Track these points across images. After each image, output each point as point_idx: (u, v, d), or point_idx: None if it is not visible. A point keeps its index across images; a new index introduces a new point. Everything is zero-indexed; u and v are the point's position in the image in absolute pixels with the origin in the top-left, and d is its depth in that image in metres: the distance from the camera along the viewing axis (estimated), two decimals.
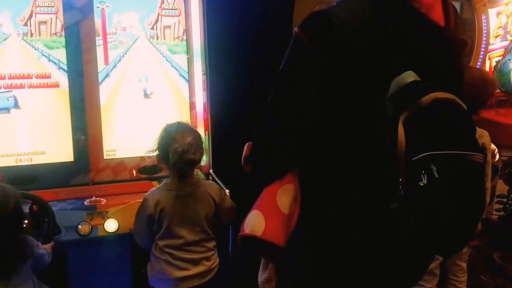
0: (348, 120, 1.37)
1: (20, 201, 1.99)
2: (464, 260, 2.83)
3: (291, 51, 1.41)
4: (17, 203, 1.95)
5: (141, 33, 2.72)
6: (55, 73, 2.57)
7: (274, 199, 1.49)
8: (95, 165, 2.64)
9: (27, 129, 2.55)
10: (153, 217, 2.20)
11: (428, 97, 1.28)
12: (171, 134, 2.21)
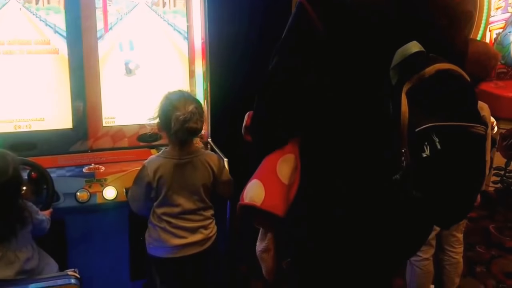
0: (351, 90, 1.36)
1: (19, 167, 2.00)
2: (460, 231, 2.85)
3: (293, 19, 1.39)
4: (16, 169, 1.95)
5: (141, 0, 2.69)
6: (54, 40, 2.55)
7: (274, 168, 1.48)
8: (94, 132, 2.64)
9: (26, 95, 2.53)
10: (151, 184, 2.21)
11: (432, 68, 1.27)
12: (173, 102, 2.20)
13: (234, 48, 3.25)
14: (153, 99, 2.53)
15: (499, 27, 4.20)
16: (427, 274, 2.78)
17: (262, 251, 1.67)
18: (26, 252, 1.98)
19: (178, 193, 2.23)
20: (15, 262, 1.93)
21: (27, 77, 2.53)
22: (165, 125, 2.21)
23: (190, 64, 2.81)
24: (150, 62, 2.73)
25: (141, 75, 2.72)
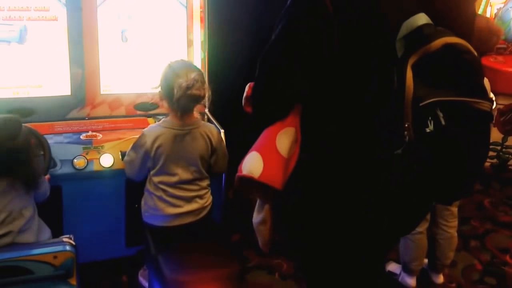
0: (355, 61, 1.34)
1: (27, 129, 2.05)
2: (455, 205, 2.85)
3: None
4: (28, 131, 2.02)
5: None
6: (54, 7, 2.52)
7: (273, 141, 1.48)
8: (91, 99, 2.64)
9: (25, 62, 2.52)
10: (149, 153, 2.21)
11: (439, 41, 1.25)
12: (176, 70, 2.19)
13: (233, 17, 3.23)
14: (151, 68, 2.54)
15: (500, 2, 4.17)
16: (421, 248, 2.79)
17: (258, 223, 1.68)
18: (29, 210, 2.01)
19: (176, 163, 2.23)
20: (19, 218, 1.96)
21: (26, 44, 2.51)
22: (167, 93, 2.20)
23: (188, 33, 2.79)
24: (149, 31, 2.71)
25: (139, 44, 2.70)
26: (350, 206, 1.46)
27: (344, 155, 1.43)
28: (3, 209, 1.91)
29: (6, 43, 2.48)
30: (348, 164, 1.43)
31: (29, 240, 1.99)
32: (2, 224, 1.91)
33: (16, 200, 1.95)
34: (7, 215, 1.92)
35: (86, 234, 2.31)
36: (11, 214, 1.93)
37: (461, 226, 3.31)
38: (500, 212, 3.83)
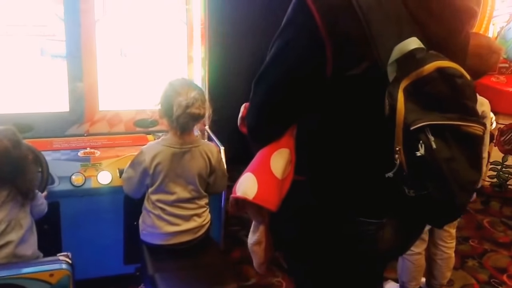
0: (349, 84, 1.34)
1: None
2: (453, 227, 2.85)
3: (292, 11, 1.36)
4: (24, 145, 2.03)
5: None
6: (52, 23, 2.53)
7: (267, 162, 1.47)
8: (90, 116, 2.64)
9: (24, 77, 2.53)
10: (148, 171, 2.21)
11: (431, 65, 1.24)
12: (176, 88, 2.19)
13: (234, 34, 3.24)
14: (151, 84, 2.54)
15: (503, 21, 4.18)
16: (419, 268, 2.80)
17: (253, 243, 1.67)
18: (28, 221, 2.02)
19: (174, 182, 2.23)
20: (19, 229, 1.97)
21: (24, 59, 2.51)
22: (167, 110, 2.20)
23: (188, 50, 2.79)
24: (149, 47, 2.71)
25: (139, 60, 2.71)
26: (344, 227, 1.45)
27: (337, 178, 1.42)
28: (3, 218, 1.92)
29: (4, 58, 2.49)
30: (341, 186, 1.42)
31: (27, 252, 2.00)
32: (2, 234, 1.92)
33: (15, 211, 1.96)
34: (7, 225, 1.93)
35: (84, 251, 2.32)
36: (10, 224, 1.94)
37: (459, 246, 3.30)
38: (500, 233, 3.82)
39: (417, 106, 1.24)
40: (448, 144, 1.23)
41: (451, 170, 1.24)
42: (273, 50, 1.40)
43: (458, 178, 1.26)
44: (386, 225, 1.43)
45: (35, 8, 2.50)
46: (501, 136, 4.09)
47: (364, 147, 1.37)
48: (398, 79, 1.26)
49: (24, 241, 1.99)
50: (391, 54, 1.27)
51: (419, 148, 1.22)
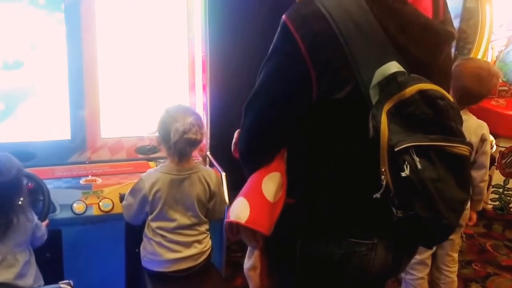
0: (334, 108, 1.37)
1: (22, 172, 2.05)
2: (455, 251, 2.86)
3: (278, 38, 1.41)
4: (19, 173, 2.02)
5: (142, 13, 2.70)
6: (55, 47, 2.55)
7: (259, 186, 1.48)
8: (92, 143, 2.64)
9: (25, 104, 2.54)
10: (147, 198, 2.21)
11: (413, 87, 1.27)
12: (172, 114, 2.21)
13: (235, 60, 3.26)
14: (152, 110, 2.55)
15: (501, 45, 4.21)
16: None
17: (249, 268, 1.69)
18: (24, 256, 2.01)
19: (174, 208, 2.23)
20: (15, 265, 1.96)
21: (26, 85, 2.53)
22: (164, 137, 2.22)
23: (190, 76, 2.81)
24: (150, 74, 2.73)
25: (140, 86, 2.72)
26: (336, 248, 1.45)
27: (327, 199, 1.44)
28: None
29: None
30: (331, 208, 1.44)
31: (27, 284, 1.99)
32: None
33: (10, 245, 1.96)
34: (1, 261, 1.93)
35: (86, 278, 2.32)
36: (6, 259, 1.94)
37: (462, 270, 3.29)
38: (503, 256, 3.80)
39: (401, 127, 1.27)
40: (433, 165, 1.25)
41: (438, 190, 1.26)
42: (261, 76, 1.44)
43: (445, 198, 1.27)
44: (378, 245, 1.45)
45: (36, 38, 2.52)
46: (503, 159, 4.09)
47: (352, 169, 1.40)
48: (381, 102, 1.29)
49: (22, 276, 1.99)
50: (372, 78, 1.30)
51: (404, 168, 1.24)
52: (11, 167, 1.98)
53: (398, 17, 1.35)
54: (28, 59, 2.51)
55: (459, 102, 2.66)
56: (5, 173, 1.95)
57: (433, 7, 1.44)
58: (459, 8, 3.82)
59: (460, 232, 2.91)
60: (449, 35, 1.45)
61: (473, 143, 2.72)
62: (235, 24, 3.28)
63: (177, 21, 2.76)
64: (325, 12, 1.32)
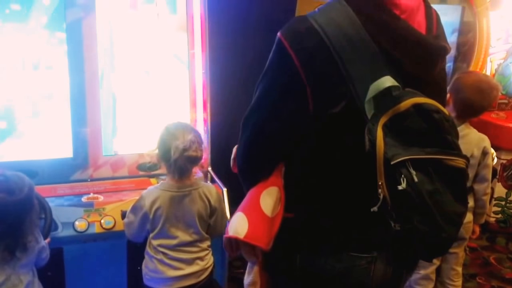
0: (330, 124, 1.38)
1: (34, 191, 2.05)
2: (460, 265, 2.86)
3: (273, 54, 1.43)
4: (31, 191, 2.01)
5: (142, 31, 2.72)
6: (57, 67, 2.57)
7: (257, 201, 1.49)
8: (94, 161, 2.65)
9: (27, 123, 2.55)
10: (148, 216, 2.22)
11: (408, 101, 1.29)
12: (172, 131, 2.22)
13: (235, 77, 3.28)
14: (154, 127, 2.57)
15: (500, 58, 4.23)
16: None
17: (248, 284, 1.69)
18: (28, 276, 2.01)
19: (175, 226, 2.23)
20: (18, 286, 1.95)
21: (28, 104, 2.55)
22: (164, 154, 2.22)
23: (191, 93, 2.83)
24: (151, 91, 2.75)
25: (142, 104, 2.74)
26: (335, 263, 1.46)
27: (325, 214, 1.45)
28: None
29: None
30: (329, 222, 1.45)
31: None
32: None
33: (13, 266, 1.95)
34: (4, 281, 1.92)
35: None
36: (10, 279, 1.93)
37: (466, 283, 3.27)
38: (506, 269, 3.78)
39: (397, 141, 1.28)
40: (430, 178, 1.26)
41: (435, 203, 1.27)
42: (257, 92, 1.47)
43: (443, 211, 1.28)
44: (377, 259, 1.45)
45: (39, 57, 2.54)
46: (504, 172, 4.09)
47: (349, 183, 1.41)
48: (377, 116, 1.31)
49: (28, 284, 1.99)
50: (367, 92, 1.32)
51: (401, 182, 1.25)
52: (23, 186, 1.97)
53: (391, 33, 1.37)
54: (30, 78, 2.53)
55: (461, 115, 2.69)
56: (17, 192, 1.95)
57: (426, 22, 1.46)
58: (457, 22, 3.84)
59: (464, 245, 2.91)
60: (442, 49, 1.47)
61: (475, 156, 2.73)
62: (235, 41, 3.30)
63: (177, 38, 2.78)
64: (319, 28, 1.34)
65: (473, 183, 2.77)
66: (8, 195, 1.92)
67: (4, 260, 1.93)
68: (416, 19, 1.43)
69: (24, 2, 2.47)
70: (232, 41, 3.26)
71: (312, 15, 1.39)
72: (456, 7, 3.79)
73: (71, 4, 2.54)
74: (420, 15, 1.45)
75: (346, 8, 1.36)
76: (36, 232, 2.07)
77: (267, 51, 1.45)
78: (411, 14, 1.41)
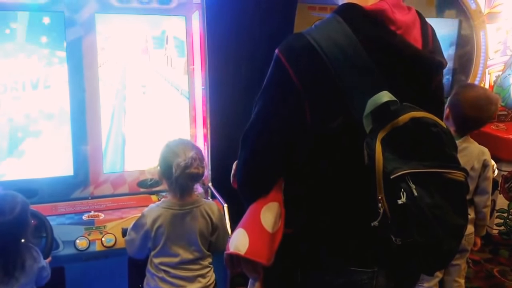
0: (330, 139, 1.39)
1: (28, 211, 2.05)
2: (462, 277, 2.85)
3: (271, 70, 1.44)
4: (24, 211, 2.01)
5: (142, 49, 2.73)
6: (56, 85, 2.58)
7: (258, 216, 1.48)
8: (95, 178, 2.65)
9: (28, 142, 2.55)
10: (150, 234, 2.21)
11: (406, 115, 1.30)
12: (173, 149, 2.22)
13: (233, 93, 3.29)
14: (154, 144, 2.58)
15: (498, 70, 4.25)
16: None
17: None
18: None
19: (177, 244, 2.23)
20: None
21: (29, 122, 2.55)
22: (166, 172, 2.22)
23: (191, 109, 2.84)
24: (151, 108, 2.76)
25: (142, 120, 2.75)
26: (336, 278, 1.46)
27: (325, 229, 1.45)
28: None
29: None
30: (330, 237, 1.45)
31: None
32: None
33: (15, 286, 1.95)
34: None
35: None
36: None
37: None
38: (510, 281, 3.76)
39: (395, 155, 1.29)
40: (430, 191, 1.27)
41: (435, 216, 1.27)
42: (256, 108, 1.47)
43: (443, 224, 1.28)
44: (379, 273, 1.45)
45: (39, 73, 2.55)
46: (505, 183, 4.08)
47: (348, 197, 1.41)
48: (375, 131, 1.31)
49: None
50: (365, 107, 1.32)
51: (401, 196, 1.25)
52: (15, 206, 1.97)
53: (388, 48, 1.38)
54: (30, 97, 2.53)
55: (460, 129, 2.70)
56: (8, 212, 1.95)
57: (422, 37, 1.48)
58: (455, 35, 3.87)
59: (465, 257, 2.90)
60: (438, 64, 1.48)
61: (476, 169, 2.73)
62: (235, 56, 3.32)
63: (177, 54, 2.80)
64: (316, 44, 1.35)
65: (474, 196, 2.77)
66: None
67: (2, 281, 1.93)
68: (412, 35, 1.44)
69: (24, 21, 2.49)
70: (233, 56, 3.28)
71: (309, 32, 1.40)
72: (453, 20, 3.82)
73: (71, 23, 2.56)
74: (416, 30, 1.47)
75: (342, 24, 1.38)
76: (34, 251, 2.07)
77: (266, 66, 1.46)
78: (407, 30, 1.43)
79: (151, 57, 2.75)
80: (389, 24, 1.40)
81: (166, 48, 2.77)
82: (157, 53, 2.76)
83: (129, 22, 2.69)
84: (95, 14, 2.61)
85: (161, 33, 2.76)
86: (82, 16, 2.58)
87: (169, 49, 2.78)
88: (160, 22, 2.75)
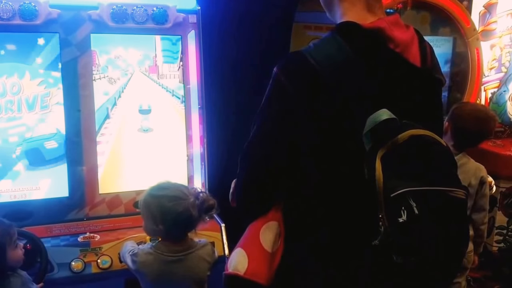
0: (330, 157, 1.38)
1: (8, 237, 2.01)
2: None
3: (270, 89, 1.43)
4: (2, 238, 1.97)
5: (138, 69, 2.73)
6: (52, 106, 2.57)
7: (257, 236, 1.49)
8: (90, 200, 2.63)
9: (22, 163, 2.54)
10: (137, 273, 2.19)
11: (406, 133, 1.30)
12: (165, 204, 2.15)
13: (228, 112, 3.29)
14: (150, 163, 2.56)
15: (493, 87, 4.26)
16: None
17: None
18: None
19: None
20: None
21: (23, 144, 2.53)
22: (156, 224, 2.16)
23: (187, 128, 2.83)
24: (147, 128, 2.75)
25: (137, 141, 2.73)
26: None
27: (324, 248, 1.44)
28: None
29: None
30: (329, 256, 1.44)
31: None
32: None
33: None
34: None
35: None
36: None
37: None
38: None
39: (396, 173, 1.28)
40: (430, 209, 1.25)
41: (436, 235, 1.26)
42: (255, 127, 1.47)
43: (444, 242, 1.27)
44: None
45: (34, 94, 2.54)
46: (504, 200, 4.07)
47: (348, 216, 1.40)
48: (375, 149, 1.31)
49: None
50: (364, 125, 1.32)
51: (402, 214, 1.24)
52: None
53: (387, 66, 1.38)
54: (25, 118, 2.52)
55: (458, 144, 2.70)
56: None
57: (421, 55, 1.48)
58: (449, 53, 3.88)
59: (465, 274, 2.88)
60: (437, 81, 1.49)
61: (473, 185, 2.73)
62: (231, 75, 3.32)
63: (172, 74, 2.79)
64: (314, 62, 1.35)
65: (471, 213, 2.76)
66: None
67: None
68: (410, 52, 1.45)
69: (19, 42, 2.48)
70: (228, 75, 3.28)
71: (307, 50, 1.40)
72: (447, 38, 3.84)
73: (67, 43, 2.56)
74: (414, 48, 1.47)
75: (340, 42, 1.38)
76: (30, 283, 2.05)
77: (264, 84, 1.45)
78: (405, 48, 1.43)
79: (147, 77, 2.74)
80: (388, 42, 1.40)
81: (162, 67, 2.77)
82: (153, 72, 2.75)
83: (125, 42, 2.68)
84: (91, 34, 2.60)
85: (156, 53, 2.75)
86: (77, 36, 2.58)
87: (164, 69, 2.78)
88: (155, 42, 2.75)
